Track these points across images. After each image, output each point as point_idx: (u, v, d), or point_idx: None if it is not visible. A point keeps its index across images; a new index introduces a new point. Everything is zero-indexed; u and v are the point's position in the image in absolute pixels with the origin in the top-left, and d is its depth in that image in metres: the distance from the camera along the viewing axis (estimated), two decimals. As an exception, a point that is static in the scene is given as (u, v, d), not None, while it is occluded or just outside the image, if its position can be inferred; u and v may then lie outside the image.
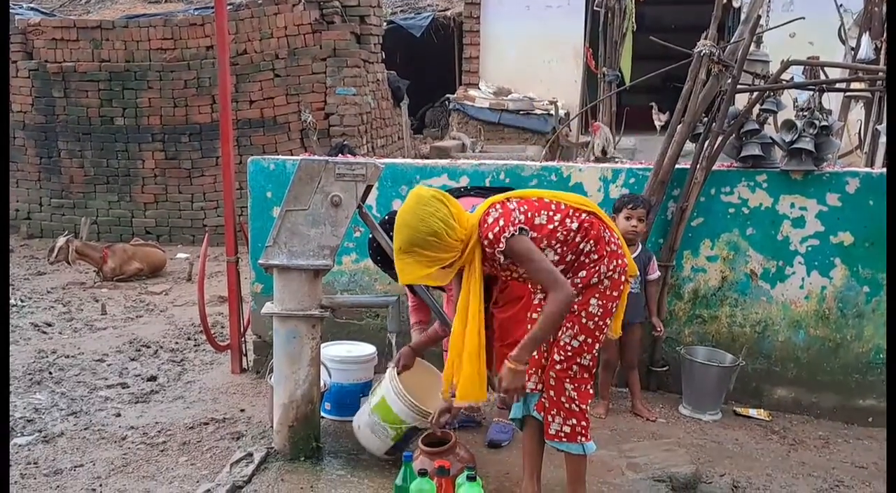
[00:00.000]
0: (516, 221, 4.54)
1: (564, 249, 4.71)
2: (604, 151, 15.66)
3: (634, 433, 6.52)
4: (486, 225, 4.54)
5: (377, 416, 5.50)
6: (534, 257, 4.55)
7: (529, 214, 4.63)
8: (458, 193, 5.96)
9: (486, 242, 4.54)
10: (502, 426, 6.13)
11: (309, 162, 5.39)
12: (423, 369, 5.95)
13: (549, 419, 4.86)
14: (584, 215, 4.77)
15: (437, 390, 5.73)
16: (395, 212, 5.68)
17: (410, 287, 6.08)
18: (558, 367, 4.79)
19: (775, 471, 6.08)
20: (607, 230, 4.83)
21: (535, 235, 4.61)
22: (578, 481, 4.97)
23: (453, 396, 4.89)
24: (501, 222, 4.50)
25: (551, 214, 4.69)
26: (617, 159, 15.38)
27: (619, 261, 4.84)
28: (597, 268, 4.76)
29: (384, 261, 5.73)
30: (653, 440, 6.39)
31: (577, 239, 4.71)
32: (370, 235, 5.79)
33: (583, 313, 4.77)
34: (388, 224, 5.60)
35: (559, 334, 4.80)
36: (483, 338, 4.71)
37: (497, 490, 5.17)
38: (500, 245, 4.49)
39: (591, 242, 4.75)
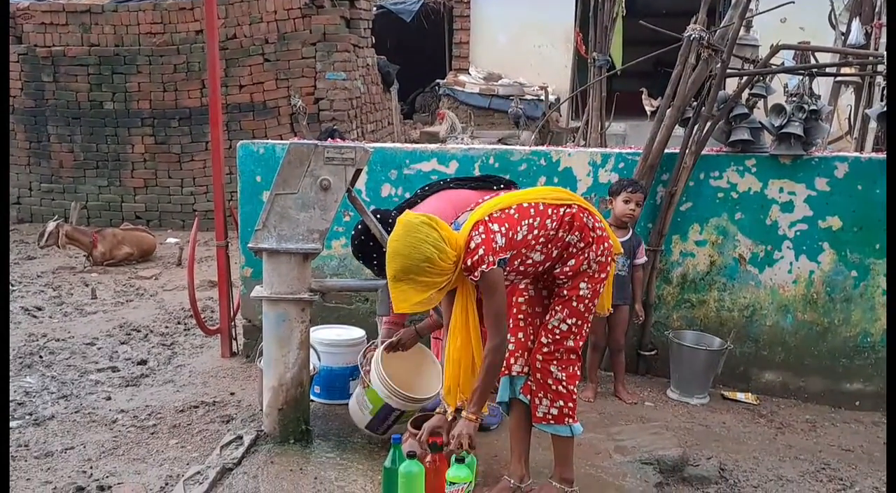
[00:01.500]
0: (497, 249, 4.55)
1: (549, 246, 4.73)
2: (452, 129, 15.73)
3: (622, 417, 6.55)
4: (468, 250, 4.55)
5: (365, 392, 5.56)
6: (496, 297, 4.61)
7: (510, 234, 4.63)
8: (439, 187, 5.98)
9: (464, 267, 4.55)
10: (491, 409, 6.13)
11: (298, 146, 5.40)
12: (416, 349, 5.97)
13: (537, 401, 4.88)
14: (562, 210, 4.78)
15: (426, 371, 5.77)
16: (385, 211, 5.73)
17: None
18: (545, 350, 4.80)
19: (762, 454, 6.11)
20: (590, 216, 4.84)
21: (514, 252, 4.64)
22: (566, 462, 4.99)
23: (454, 415, 4.93)
24: (481, 252, 4.50)
25: (531, 221, 4.69)
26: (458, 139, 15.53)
27: (606, 244, 4.86)
28: (585, 255, 4.78)
29: (365, 257, 5.75)
30: (640, 424, 6.41)
31: (561, 234, 4.73)
32: (354, 230, 5.79)
33: (573, 297, 4.80)
34: (380, 221, 5.63)
35: (547, 317, 4.82)
36: (480, 354, 4.75)
37: (486, 473, 5.18)
38: (475, 275, 4.51)
39: (577, 233, 4.76)
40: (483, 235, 4.55)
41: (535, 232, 4.68)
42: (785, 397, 7.24)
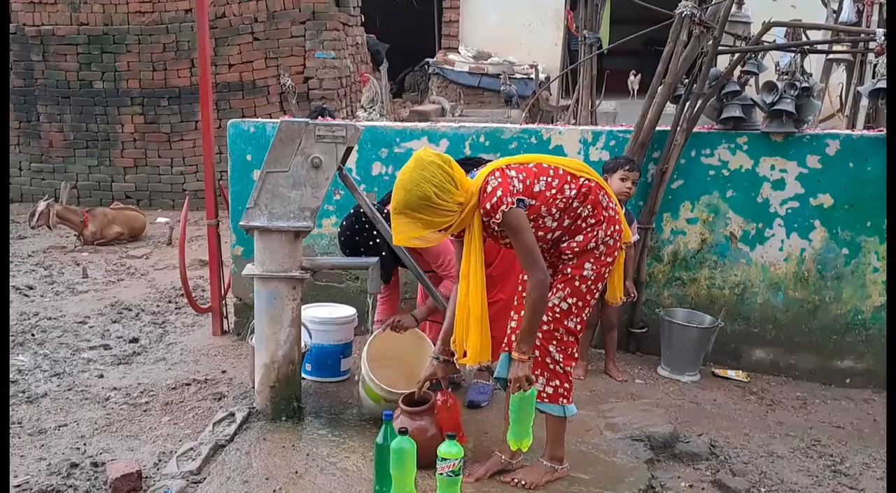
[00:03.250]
0: (515, 192, 4.54)
1: (563, 215, 4.73)
2: (372, 102, 15.67)
3: (613, 394, 6.56)
4: (485, 194, 4.54)
5: (363, 388, 5.63)
6: (523, 234, 4.58)
7: (528, 182, 4.63)
8: None
9: (482, 212, 4.55)
10: (481, 387, 6.15)
11: (289, 124, 5.39)
12: (411, 333, 5.98)
13: (532, 379, 4.89)
14: (582, 180, 4.77)
15: (422, 356, 5.77)
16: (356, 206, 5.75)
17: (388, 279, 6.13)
18: (545, 328, 4.80)
19: (753, 431, 6.14)
20: (605, 196, 4.84)
21: (533, 202, 4.63)
22: (557, 441, 5.00)
23: (446, 360, 4.99)
24: (499, 193, 4.50)
25: (549, 179, 4.69)
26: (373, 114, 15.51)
27: (617, 227, 4.86)
28: (594, 233, 4.78)
29: (354, 251, 5.82)
30: (631, 401, 6.42)
31: (575, 204, 4.73)
32: (340, 226, 5.83)
33: (577, 277, 4.80)
34: (362, 215, 5.65)
35: (549, 294, 4.82)
36: (485, 301, 4.74)
37: (476, 450, 5.20)
38: (497, 216, 4.50)
39: (589, 206, 4.77)
40: (500, 180, 4.57)
41: (553, 192, 4.67)
42: (775, 374, 7.27)
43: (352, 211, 5.87)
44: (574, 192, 4.72)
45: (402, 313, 6.02)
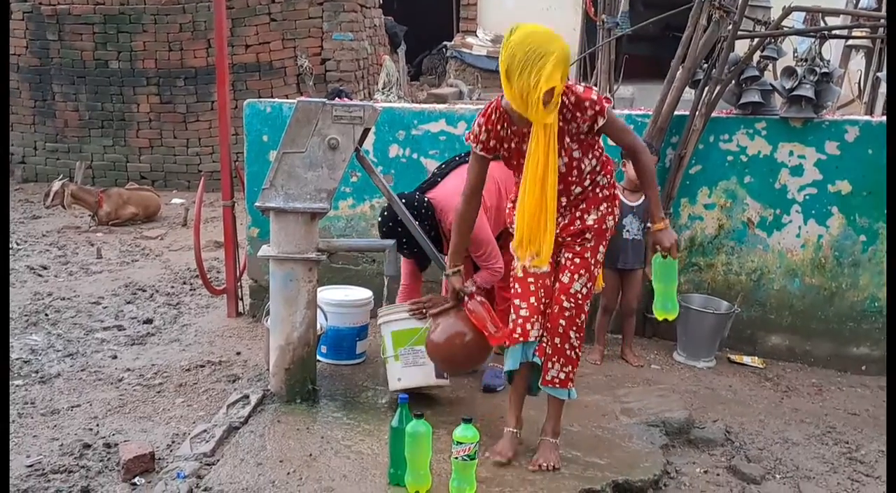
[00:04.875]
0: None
1: (597, 163, 4.80)
2: (385, 84, 15.59)
3: (629, 379, 6.55)
4: (582, 92, 4.56)
5: (405, 349, 5.65)
6: (626, 127, 4.75)
7: None
8: (455, 163, 5.99)
9: (587, 103, 4.52)
10: (497, 372, 6.13)
11: (306, 104, 5.37)
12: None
13: (549, 365, 4.88)
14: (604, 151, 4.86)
15: None
16: (409, 195, 5.72)
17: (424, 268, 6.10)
18: (567, 314, 4.80)
19: (768, 417, 6.12)
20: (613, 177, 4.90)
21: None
22: (558, 418, 5.06)
23: (456, 272, 5.07)
24: (594, 94, 4.54)
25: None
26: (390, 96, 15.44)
27: (617, 212, 4.90)
28: (611, 210, 4.88)
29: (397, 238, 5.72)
30: (647, 386, 6.41)
31: (600, 163, 4.79)
32: (381, 216, 5.79)
33: (593, 260, 4.83)
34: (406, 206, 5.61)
35: (568, 279, 4.80)
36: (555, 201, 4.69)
37: (492, 434, 5.18)
38: (603, 106, 4.53)
39: (608, 176, 4.80)
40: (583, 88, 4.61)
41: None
42: (791, 360, 7.24)
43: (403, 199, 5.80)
44: (600, 153, 4.81)
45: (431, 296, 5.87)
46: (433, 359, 5.25)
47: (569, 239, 4.87)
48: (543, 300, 4.89)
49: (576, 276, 4.81)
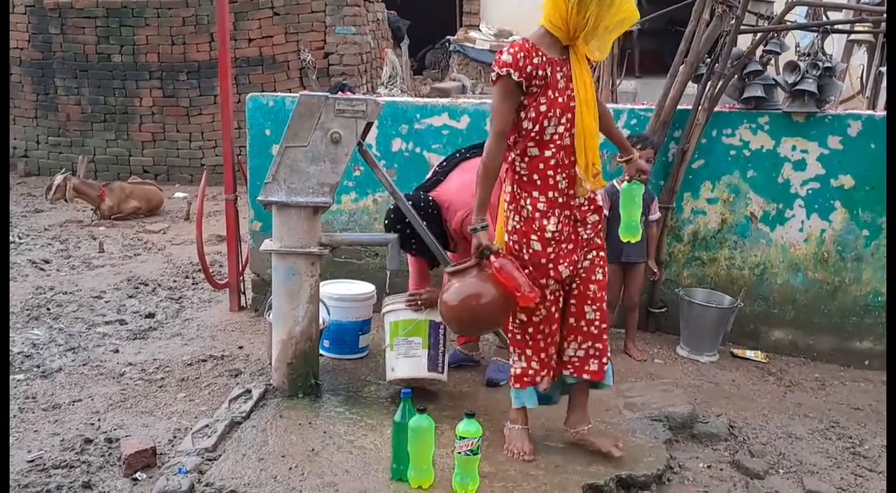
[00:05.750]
0: None
1: None
2: (390, 78, 15.57)
3: (632, 374, 6.54)
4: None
5: (400, 338, 5.66)
6: None
7: None
8: (456, 160, 5.96)
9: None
10: (500, 366, 6.13)
11: (309, 97, 5.36)
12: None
13: (587, 366, 4.97)
14: None
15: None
16: (415, 194, 5.70)
17: (412, 255, 6.02)
18: (599, 304, 4.90)
19: (771, 412, 6.12)
20: None
21: None
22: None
23: (485, 226, 4.77)
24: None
25: None
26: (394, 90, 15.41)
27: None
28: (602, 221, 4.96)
29: (405, 243, 5.70)
30: (650, 381, 6.41)
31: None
32: (387, 218, 5.78)
33: (602, 248, 4.90)
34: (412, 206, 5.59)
35: (602, 274, 4.88)
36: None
37: (495, 429, 5.17)
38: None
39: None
40: None
41: None
42: (794, 355, 7.23)
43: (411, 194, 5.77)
44: None
45: (428, 288, 5.83)
46: (446, 320, 5.06)
47: (591, 231, 4.86)
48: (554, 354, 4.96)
49: (598, 266, 4.89)
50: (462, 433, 4.41)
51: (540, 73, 4.50)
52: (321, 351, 6.07)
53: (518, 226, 4.79)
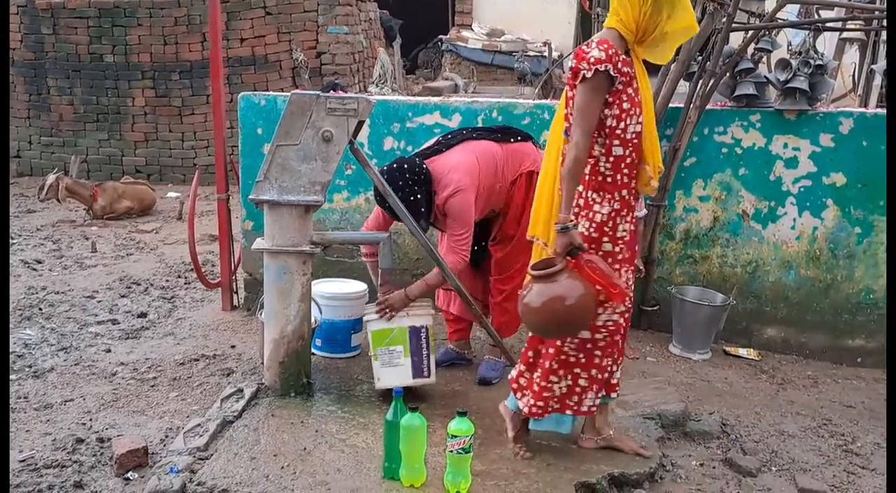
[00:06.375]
0: None
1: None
2: (380, 76, 15.59)
3: (624, 372, 6.45)
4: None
5: (382, 349, 5.62)
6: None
7: None
8: (462, 136, 5.95)
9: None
10: (493, 364, 6.14)
11: (300, 96, 5.35)
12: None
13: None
14: None
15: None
16: (410, 159, 5.69)
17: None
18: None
19: (764, 410, 6.12)
20: None
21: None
22: None
23: (576, 225, 4.70)
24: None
25: None
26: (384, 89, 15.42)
27: None
28: None
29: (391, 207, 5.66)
30: (642, 379, 6.41)
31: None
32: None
33: None
34: (395, 171, 5.58)
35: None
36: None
37: (488, 427, 5.18)
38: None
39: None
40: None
41: None
42: (787, 353, 7.23)
43: (395, 164, 5.73)
44: None
45: (391, 290, 5.76)
46: (529, 326, 4.90)
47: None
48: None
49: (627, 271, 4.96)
50: (454, 432, 4.40)
51: (625, 70, 4.54)
52: (313, 350, 6.06)
53: (590, 231, 4.75)
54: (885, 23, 7.23)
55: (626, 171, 4.71)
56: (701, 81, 7.01)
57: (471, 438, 4.42)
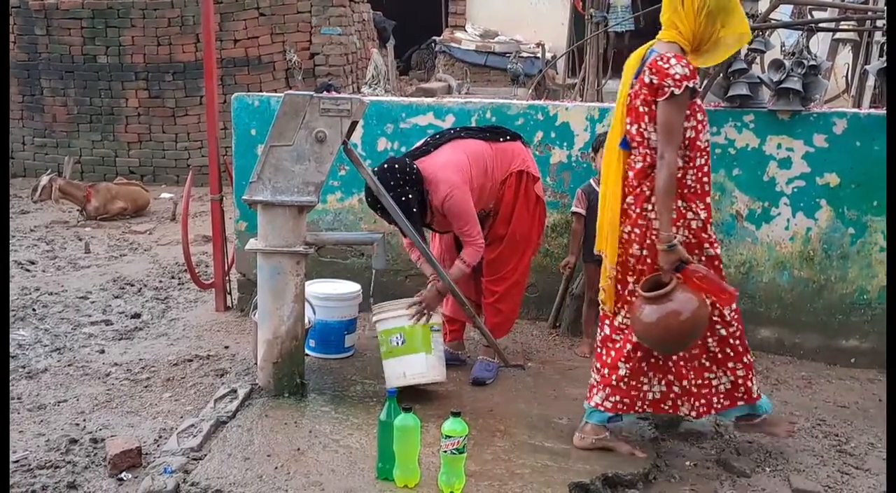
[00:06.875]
0: None
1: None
2: (373, 77, 15.62)
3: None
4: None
5: (416, 349, 5.70)
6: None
7: None
8: (450, 136, 5.96)
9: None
10: (486, 364, 6.15)
11: (294, 96, 5.36)
12: None
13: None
14: None
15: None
16: (401, 159, 5.70)
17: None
18: None
19: (758, 410, 6.12)
20: None
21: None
22: None
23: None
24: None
25: None
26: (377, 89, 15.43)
27: None
28: None
29: (383, 208, 5.67)
30: (636, 380, 6.40)
31: None
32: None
33: None
34: (385, 171, 5.59)
35: None
36: None
37: (481, 427, 5.18)
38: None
39: None
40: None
41: None
42: (780, 353, 7.22)
43: (385, 165, 5.77)
44: None
45: (426, 292, 5.84)
46: (649, 344, 4.98)
47: None
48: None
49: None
50: (448, 432, 4.41)
51: (696, 81, 4.69)
52: (307, 351, 6.07)
53: (690, 239, 4.89)
54: (877, 23, 7.25)
55: (705, 179, 4.88)
56: (694, 82, 7.01)
57: (465, 438, 4.42)
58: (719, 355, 5.13)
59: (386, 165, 5.67)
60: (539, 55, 18.97)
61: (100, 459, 5.02)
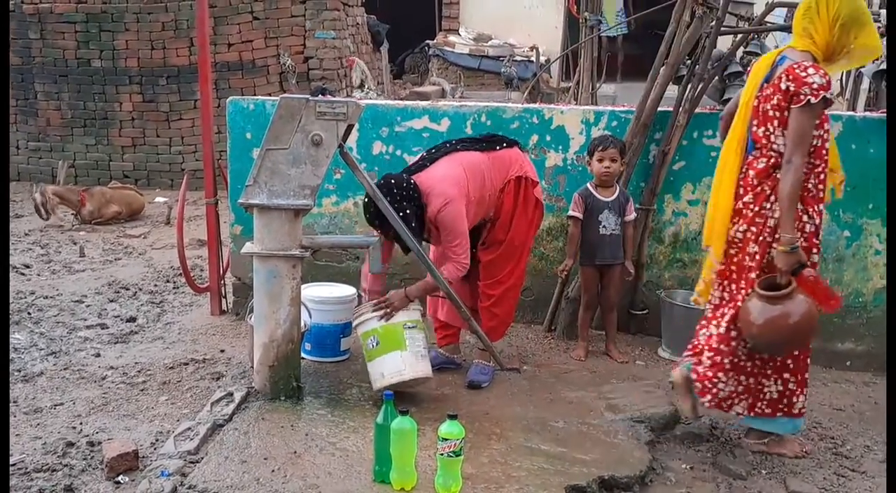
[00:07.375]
0: None
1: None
2: (361, 84, 15.67)
3: (614, 375, 6.55)
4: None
5: (391, 348, 5.67)
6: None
7: None
8: (446, 149, 5.97)
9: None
10: (482, 368, 6.15)
11: (289, 100, 5.36)
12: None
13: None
14: None
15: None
16: (398, 176, 5.71)
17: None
18: None
19: (754, 413, 6.12)
20: None
21: None
22: None
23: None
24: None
25: None
26: (370, 93, 15.47)
27: None
28: None
29: (382, 222, 5.66)
30: (632, 382, 6.41)
31: None
32: (366, 199, 5.73)
33: None
34: (383, 188, 5.59)
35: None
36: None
37: (478, 430, 5.18)
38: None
39: None
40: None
41: None
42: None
43: (382, 181, 5.76)
44: None
45: (394, 291, 5.86)
46: (758, 345, 5.16)
47: None
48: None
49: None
50: (445, 435, 4.41)
51: (832, 91, 4.83)
52: (303, 354, 6.06)
53: (803, 243, 5.00)
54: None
55: (821, 186, 5.02)
56: (690, 85, 7.01)
57: (461, 441, 4.43)
58: (778, 363, 5.25)
59: (383, 182, 5.68)
60: (533, 59, 18.98)
61: (96, 462, 5.02)
